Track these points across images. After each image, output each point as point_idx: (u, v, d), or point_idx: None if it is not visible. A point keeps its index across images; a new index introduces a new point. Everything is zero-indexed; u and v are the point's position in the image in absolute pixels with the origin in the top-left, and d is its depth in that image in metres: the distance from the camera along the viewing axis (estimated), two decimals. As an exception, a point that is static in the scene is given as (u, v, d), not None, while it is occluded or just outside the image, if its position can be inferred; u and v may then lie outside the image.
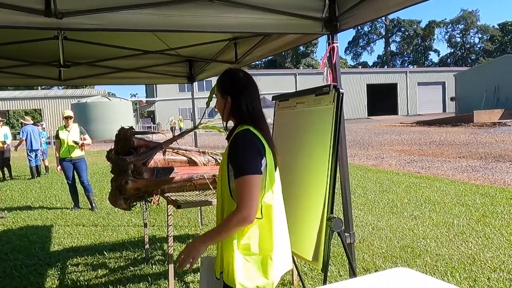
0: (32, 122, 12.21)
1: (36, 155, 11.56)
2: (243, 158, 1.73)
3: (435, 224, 5.35)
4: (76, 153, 7.12)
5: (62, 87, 37.92)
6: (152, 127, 38.20)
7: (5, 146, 10.95)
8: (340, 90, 2.17)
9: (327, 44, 2.66)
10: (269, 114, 3.13)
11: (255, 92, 1.90)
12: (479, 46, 78.22)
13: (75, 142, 7.01)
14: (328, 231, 2.10)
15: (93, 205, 7.19)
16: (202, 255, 1.84)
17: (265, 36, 3.49)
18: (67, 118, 7.12)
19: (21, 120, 11.79)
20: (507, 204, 6.17)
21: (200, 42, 4.00)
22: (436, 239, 4.75)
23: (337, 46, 2.61)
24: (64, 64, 3.94)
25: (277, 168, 1.89)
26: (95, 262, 4.49)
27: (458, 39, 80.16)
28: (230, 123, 1.94)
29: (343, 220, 2.25)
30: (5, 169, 11.65)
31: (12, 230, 6.04)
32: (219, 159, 3.79)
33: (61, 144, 7.04)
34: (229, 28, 2.46)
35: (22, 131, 11.41)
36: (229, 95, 1.86)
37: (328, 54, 2.61)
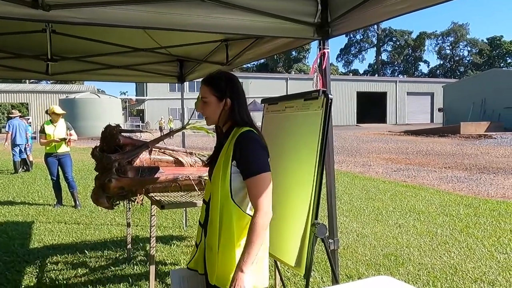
0: (19, 115, 11.97)
1: (20, 150, 11.33)
2: (256, 157, 1.74)
3: (419, 233, 5.38)
4: (62, 149, 7.02)
5: (51, 81, 37.43)
6: (141, 126, 37.93)
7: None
8: (329, 95, 2.16)
9: (318, 49, 2.66)
10: (259, 117, 3.12)
11: (246, 98, 1.92)
12: (467, 59, 79.62)
13: (63, 139, 6.92)
14: (312, 237, 2.08)
15: (77, 202, 7.08)
16: (172, 269, 1.81)
17: (257, 38, 3.47)
18: (58, 115, 7.01)
19: (12, 112, 11.59)
20: (490, 215, 6.25)
21: (192, 42, 3.96)
22: (420, 248, 4.78)
23: (328, 51, 2.61)
24: (51, 58, 3.87)
25: None
26: (75, 261, 4.41)
27: (448, 51, 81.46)
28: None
29: (327, 226, 2.24)
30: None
31: (-8, 226, 5.91)
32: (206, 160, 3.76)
33: (46, 138, 6.93)
34: (220, 29, 2.43)
35: (9, 125, 11.15)
36: (230, 97, 1.83)
37: (318, 60, 2.60)
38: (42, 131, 6.98)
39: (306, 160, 2.20)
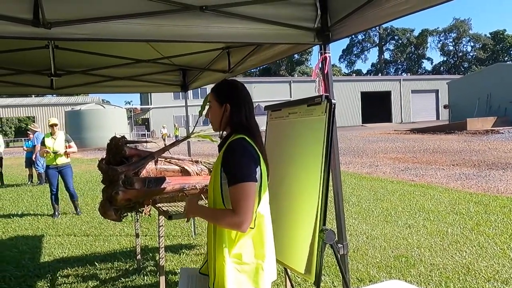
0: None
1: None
2: (239, 165, 1.72)
3: (429, 233, 5.33)
4: (62, 160, 7.29)
5: (56, 94, 37.75)
6: (146, 134, 38.10)
7: (-2, 154, 10.88)
8: (332, 101, 2.15)
9: (319, 54, 2.66)
10: (263, 122, 3.12)
11: (252, 104, 1.93)
12: (471, 54, 79.20)
13: (54, 152, 7.16)
14: (321, 243, 2.07)
15: (78, 209, 7.46)
16: (182, 267, 1.84)
17: (258, 45, 3.48)
18: (52, 126, 7.29)
19: (30, 127, 11.84)
20: (500, 212, 6.18)
21: (193, 51, 3.99)
22: (431, 248, 4.73)
23: (329, 56, 2.61)
24: (55, 73, 3.90)
25: (268, 179, 1.89)
26: (85, 273, 4.42)
27: (451, 48, 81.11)
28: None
29: (335, 232, 2.22)
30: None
31: (2, 241, 5.94)
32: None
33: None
34: (221, 38, 2.44)
35: (36, 138, 11.39)
36: (229, 103, 1.86)
37: (320, 64, 2.60)
38: (42, 143, 7.26)
39: (311, 166, 2.20)
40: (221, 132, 1.93)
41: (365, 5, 2.22)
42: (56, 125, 7.31)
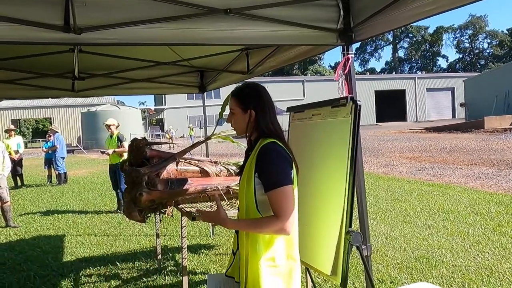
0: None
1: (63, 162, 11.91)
2: (276, 169, 1.73)
3: (449, 233, 5.26)
4: (115, 160, 7.50)
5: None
6: (161, 135, 38.43)
7: (18, 155, 11.11)
8: (358, 102, 2.15)
9: (342, 55, 2.65)
10: (279, 121, 3.12)
11: (274, 106, 1.92)
12: (488, 51, 77.79)
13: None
14: (347, 245, 2.07)
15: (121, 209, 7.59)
16: (209, 273, 1.84)
17: (278, 46, 3.48)
18: (106, 126, 7.78)
19: (50, 127, 12.25)
20: (522, 213, 6.06)
21: (212, 53, 4.01)
22: (452, 249, 4.67)
23: (352, 56, 2.60)
24: (78, 76, 3.97)
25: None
26: (107, 273, 4.49)
27: (467, 45, 79.79)
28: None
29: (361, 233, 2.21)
30: (18, 177, 11.83)
31: (25, 240, 6.07)
32: (231, 169, 3.78)
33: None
34: (245, 41, 2.46)
35: (56, 139, 11.77)
36: (254, 108, 1.85)
37: (343, 65, 2.59)
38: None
39: (337, 167, 2.19)
40: (250, 137, 1.92)
41: (390, 6, 2.20)
42: (109, 125, 7.68)
